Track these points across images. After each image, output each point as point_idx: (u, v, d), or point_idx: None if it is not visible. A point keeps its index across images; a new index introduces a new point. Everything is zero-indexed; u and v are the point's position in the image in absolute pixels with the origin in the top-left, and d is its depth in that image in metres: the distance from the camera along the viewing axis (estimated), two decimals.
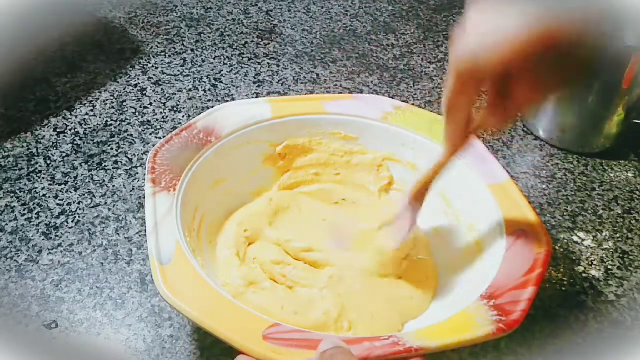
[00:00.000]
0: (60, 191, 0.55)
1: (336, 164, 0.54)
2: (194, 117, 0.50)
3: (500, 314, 0.36)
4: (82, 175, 0.57)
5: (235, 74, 0.72)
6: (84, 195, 0.55)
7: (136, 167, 0.58)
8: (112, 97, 0.67)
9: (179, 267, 0.38)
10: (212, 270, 0.44)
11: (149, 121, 0.64)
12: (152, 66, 0.72)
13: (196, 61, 0.74)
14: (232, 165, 0.50)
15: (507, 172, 0.48)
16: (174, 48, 0.76)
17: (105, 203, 0.54)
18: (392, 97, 0.71)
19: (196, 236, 0.45)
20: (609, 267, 0.52)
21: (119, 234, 0.51)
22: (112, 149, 0.60)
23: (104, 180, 0.56)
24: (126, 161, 0.58)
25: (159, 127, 0.63)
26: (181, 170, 0.45)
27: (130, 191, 0.55)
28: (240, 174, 0.51)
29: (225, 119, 0.49)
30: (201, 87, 0.70)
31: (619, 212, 0.58)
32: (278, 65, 0.74)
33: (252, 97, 0.68)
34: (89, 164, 0.58)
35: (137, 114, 0.65)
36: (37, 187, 0.55)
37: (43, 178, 0.56)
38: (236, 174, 0.50)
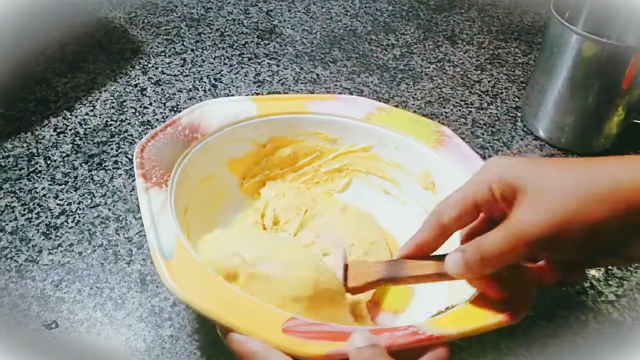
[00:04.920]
0: (60, 191, 0.55)
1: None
2: None
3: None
4: (82, 175, 0.57)
5: (235, 74, 0.72)
6: (84, 195, 0.55)
7: None
8: (112, 97, 0.67)
9: (183, 261, 0.37)
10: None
11: (149, 121, 0.64)
12: (152, 66, 0.72)
13: (196, 61, 0.74)
14: (219, 162, 0.49)
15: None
16: (174, 48, 0.76)
17: (105, 203, 0.54)
18: (392, 97, 0.71)
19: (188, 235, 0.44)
20: (609, 267, 0.52)
21: (119, 234, 0.51)
22: (112, 149, 0.60)
23: (104, 180, 0.56)
24: (126, 161, 0.58)
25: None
26: (170, 166, 0.44)
27: (130, 191, 0.55)
28: (226, 172, 0.50)
29: (210, 116, 0.49)
30: (201, 87, 0.70)
31: None
32: (278, 65, 0.74)
33: None
34: (89, 164, 0.58)
35: (137, 114, 0.65)
36: (37, 187, 0.55)
37: (43, 178, 0.56)
38: (222, 171, 0.50)
